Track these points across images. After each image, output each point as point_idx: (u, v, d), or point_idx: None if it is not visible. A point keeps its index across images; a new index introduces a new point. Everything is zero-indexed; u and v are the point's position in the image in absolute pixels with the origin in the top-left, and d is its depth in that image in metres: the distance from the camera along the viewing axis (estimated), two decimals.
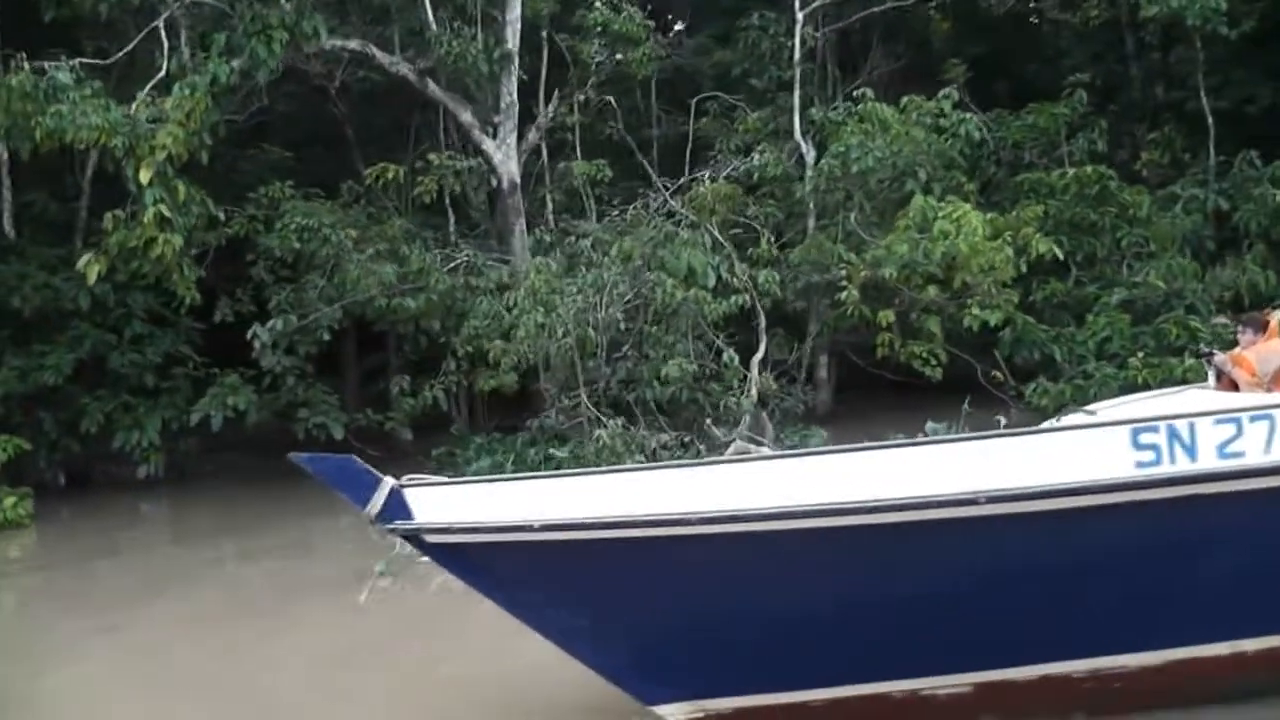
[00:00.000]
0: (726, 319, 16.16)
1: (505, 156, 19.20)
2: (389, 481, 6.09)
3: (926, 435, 15.25)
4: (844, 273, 17.80)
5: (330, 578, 11.62)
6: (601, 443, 13.57)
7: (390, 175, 18.66)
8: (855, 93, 19.73)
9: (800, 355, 18.81)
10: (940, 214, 17.36)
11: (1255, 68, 21.70)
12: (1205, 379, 16.91)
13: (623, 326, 15.08)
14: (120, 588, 12.75)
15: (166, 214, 15.49)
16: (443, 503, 6.09)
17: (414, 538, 6.14)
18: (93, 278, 16.35)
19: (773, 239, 18.65)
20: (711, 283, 15.56)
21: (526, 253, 18.73)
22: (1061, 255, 17.91)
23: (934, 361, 17.73)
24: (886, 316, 17.50)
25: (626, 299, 15.18)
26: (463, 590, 6.63)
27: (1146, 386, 16.95)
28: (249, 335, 17.08)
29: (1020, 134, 21.44)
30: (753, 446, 8.39)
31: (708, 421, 14.21)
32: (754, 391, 15.19)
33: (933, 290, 17.23)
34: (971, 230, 16.58)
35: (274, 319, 17.06)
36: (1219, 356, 10.64)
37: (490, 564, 6.07)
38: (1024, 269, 17.40)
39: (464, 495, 6.17)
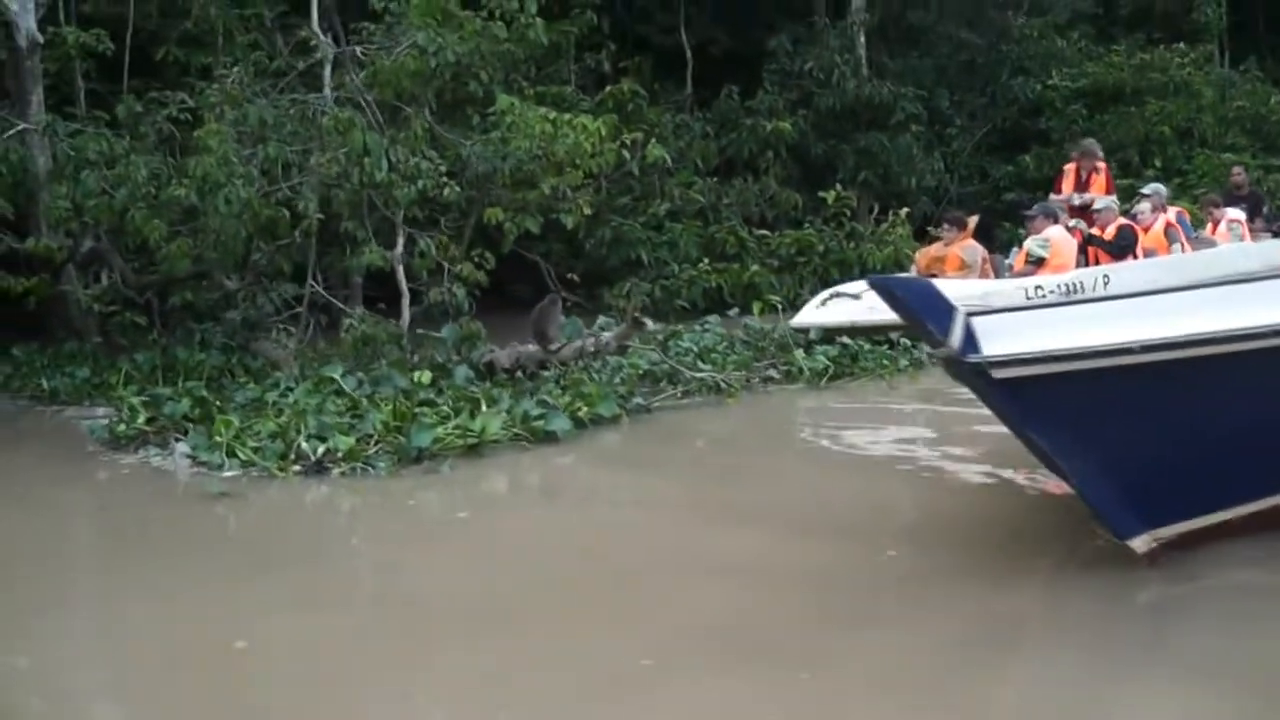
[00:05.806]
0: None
1: (23, 9, 15.35)
2: (961, 308, 5.29)
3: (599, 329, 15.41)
4: (443, 169, 16.96)
5: None
6: (361, 332, 11.86)
7: None
8: None
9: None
10: (528, 114, 17.23)
11: (719, 12, 24.23)
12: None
13: (312, 209, 13.09)
14: None
15: None
16: (1009, 332, 5.41)
17: (981, 373, 5.33)
18: None
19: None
20: (385, 166, 14.03)
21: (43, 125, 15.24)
22: (669, 161, 18.73)
23: (486, 269, 17.61)
24: (495, 214, 16.99)
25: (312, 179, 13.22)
26: None
27: (721, 289, 18.56)
28: None
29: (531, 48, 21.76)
30: None
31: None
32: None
33: (547, 188, 17.10)
34: (593, 131, 16.74)
35: None
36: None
37: (1064, 397, 5.38)
38: (637, 171, 17.93)
39: (1035, 321, 5.45)
